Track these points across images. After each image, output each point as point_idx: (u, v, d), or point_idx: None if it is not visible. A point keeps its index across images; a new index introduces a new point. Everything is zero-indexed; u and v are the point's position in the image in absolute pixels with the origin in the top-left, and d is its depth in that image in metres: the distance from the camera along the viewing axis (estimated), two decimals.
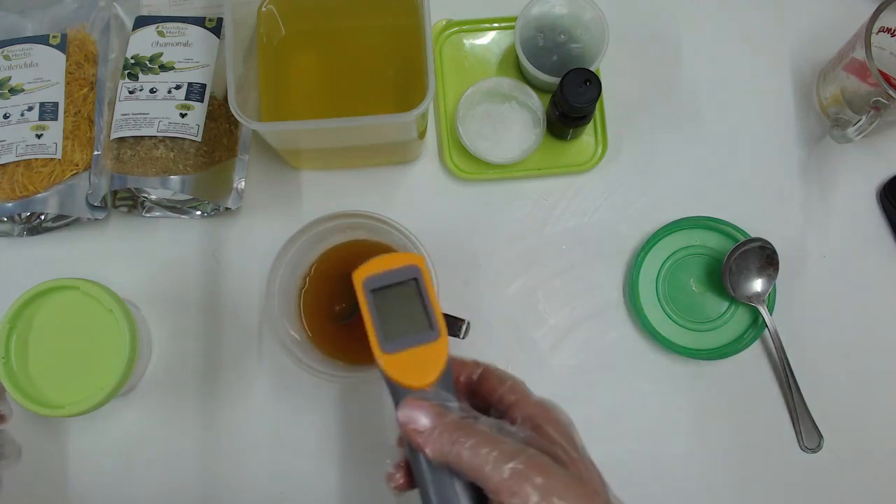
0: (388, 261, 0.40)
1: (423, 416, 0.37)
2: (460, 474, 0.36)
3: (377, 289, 0.40)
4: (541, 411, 0.39)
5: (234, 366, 0.62)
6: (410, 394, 0.38)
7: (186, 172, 0.59)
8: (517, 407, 0.39)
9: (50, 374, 0.55)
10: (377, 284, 0.40)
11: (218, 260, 0.63)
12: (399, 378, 0.39)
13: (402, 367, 0.39)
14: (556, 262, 0.64)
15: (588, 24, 0.63)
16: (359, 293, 0.40)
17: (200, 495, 0.61)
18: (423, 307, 0.40)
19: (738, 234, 0.63)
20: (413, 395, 0.38)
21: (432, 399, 0.38)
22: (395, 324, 0.39)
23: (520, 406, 0.39)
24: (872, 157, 0.66)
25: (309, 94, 0.62)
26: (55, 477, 0.61)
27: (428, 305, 0.40)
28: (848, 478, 0.62)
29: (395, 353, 0.39)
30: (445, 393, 0.39)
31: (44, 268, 0.61)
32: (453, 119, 0.64)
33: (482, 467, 0.35)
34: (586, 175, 0.65)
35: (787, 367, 0.62)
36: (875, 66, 0.56)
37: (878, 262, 0.65)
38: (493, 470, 0.34)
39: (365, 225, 0.57)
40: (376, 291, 0.40)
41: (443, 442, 0.36)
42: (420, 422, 0.37)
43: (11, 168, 0.60)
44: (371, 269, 0.40)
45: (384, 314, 0.39)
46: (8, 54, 0.62)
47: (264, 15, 0.61)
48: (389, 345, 0.39)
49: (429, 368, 0.39)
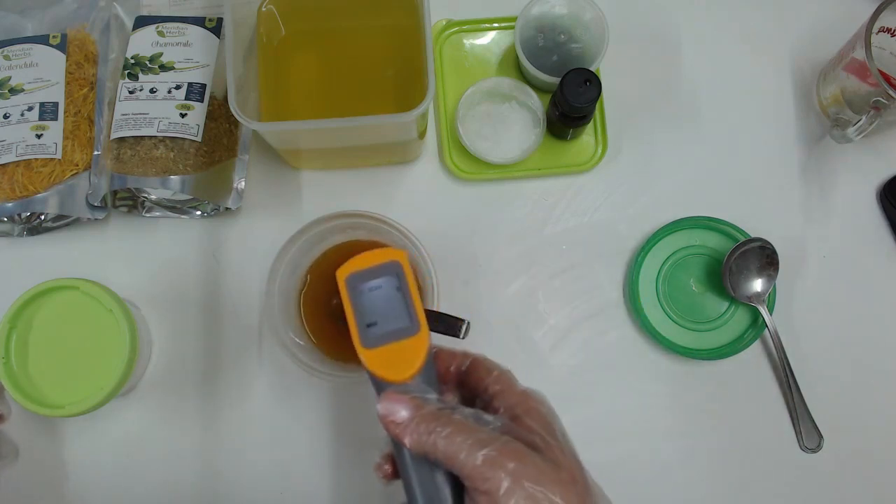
0: (370, 257, 0.41)
1: (401, 408, 0.38)
2: (438, 464, 0.37)
3: (359, 285, 0.41)
4: (521, 400, 0.40)
5: (234, 366, 0.62)
6: (391, 387, 0.39)
7: (186, 172, 0.59)
8: (500, 396, 0.40)
9: (50, 374, 0.55)
10: (359, 280, 0.41)
11: (218, 260, 0.63)
12: (380, 372, 0.40)
13: (383, 361, 0.40)
14: (556, 262, 0.64)
15: (588, 24, 0.63)
16: (341, 289, 0.41)
17: (200, 495, 0.61)
18: (403, 302, 0.40)
19: (738, 234, 0.63)
20: (392, 389, 0.39)
21: (412, 392, 0.39)
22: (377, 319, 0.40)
23: (503, 395, 0.40)
24: (872, 157, 0.66)
25: (309, 94, 0.62)
26: (55, 477, 0.61)
27: (409, 300, 0.40)
28: (848, 478, 0.62)
29: (376, 348, 0.40)
30: (425, 386, 0.40)
31: (44, 268, 0.61)
32: (453, 119, 0.64)
33: (457, 455, 0.36)
34: (586, 175, 0.65)
35: (787, 367, 0.62)
36: (875, 66, 0.56)
37: (878, 262, 0.65)
38: (467, 457, 0.35)
39: (365, 225, 0.57)
40: (358, 287, 0.41)
41: (420, 432, 0.37)
42: (399, 414, 0.38)
43: (11, 168, 0.60)
44: (354, 266, 0.41)
45: (365, 309, 0.40)
46: (8, 54, 0.62)
47: (264, 15, 0.61)
48: (370, 340, 0.40)
49: (409, 362, 0.40)
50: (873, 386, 0.63)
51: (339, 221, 0.56)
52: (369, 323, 0.40)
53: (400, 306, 0.40)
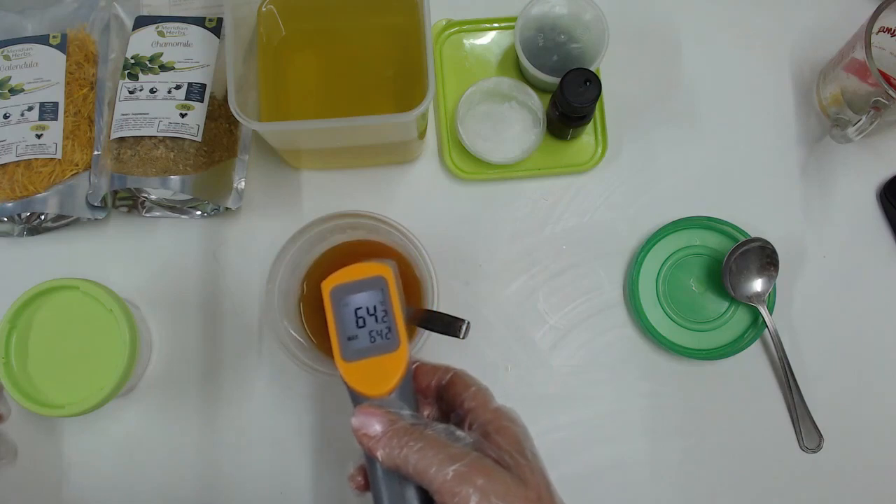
0: (356, 270, 0.42)
1: (375, 422, 0.39)
2: (409, 478, 0.38)
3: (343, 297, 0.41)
4: (494, 418, 0.40)
5: (234, 366, 0.62)
6: (367, 401, 0.40)
7: (186, 172, 0.59)
8: (474, 413, 0.41)
9: (50, 374, 0.55)
10: (344, 293, 0.42)
11: (218, 260, 0.63)
12: (357, 386, 0.40)
13: (361, 375, 0.40)
14: (556, 262, 0.64)
15: (588, 24, 0.63)
16: (325, 301, 0.42)
17: (200, 495, 0.61)
18: (385, 318, 0.41)
19: (738, 234, 0.63)
20: (368, 403, 0.40)
21: (388, 406, 0.40)
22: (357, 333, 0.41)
23: (477, 412, 0.41)
24: (872, 157, 0.66)
25: (309, 94, 0.62)
26: (55, 477, 0.61)
27: (390, 316, 0.41)
28: (848, 478, 0.62)
29: (355, 362, 0.40)
30: (400, 402, 0.41)
31: (44, 268, 0.61)
32: (453, 119, 0.64)
33: (427, 470, 0.36)
34: (586, 175, 0.65)
35: (787, 367, 0.62)
36: (875, 66, 0.56)
37: (878, 262, 0.65)
38: (437, 472, 0.36)
39: (365, 225, 0.57)
40: (342, 300, 0.41)
41: (392, 446, 0.38)
42: (372, 428, 0.39)
43: (11, 168, 0.60)
44: (339, 279, 0.42)
45: (347, 322, 0.41)
46: (8, 54, 0.62)
47: (264, 15, 0.61)
48: (350, 353, 0.41)
49: (386, 378, 0.40)
50: (873, 386, 0.63)
51: (339, 221, 0.56)
52: (350, 336, 0.41)
53: (381, 322, 0.41)
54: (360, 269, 0.42)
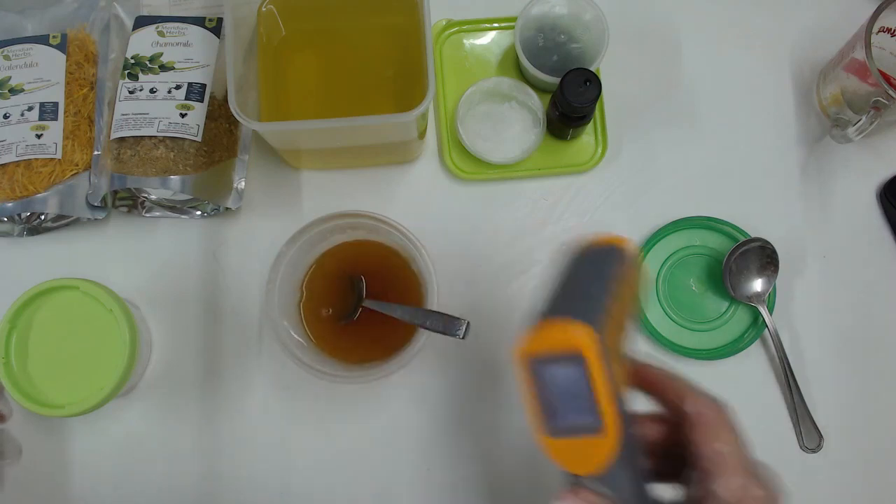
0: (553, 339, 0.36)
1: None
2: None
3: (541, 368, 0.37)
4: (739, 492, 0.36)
5: (234, 365, 0.62)
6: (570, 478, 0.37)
7: (186, 172, 0.59)
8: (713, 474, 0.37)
9: (50, 374, 0.55)
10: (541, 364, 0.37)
11: (218, 260, 0.63)
12: (560, 461, 0.37)
13: (565, 452, 0.37)
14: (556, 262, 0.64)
15: (588, 24, 0.63)
16: (522, 372, 0.37)
17: (200, 495, 0.61)
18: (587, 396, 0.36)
19: (738, 234, 0.63)
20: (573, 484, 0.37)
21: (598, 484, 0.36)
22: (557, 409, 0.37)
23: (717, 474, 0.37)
24: (872, 157, 0.66)
25: (309, 94, 0.62)
26: (55, 477, 0.61)
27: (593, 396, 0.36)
28: (848, 478, 0.62)
29: (558, 439, 0.37)
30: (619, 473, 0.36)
31: (44, 268, 0.61)
32: (453, 119, 0.64)
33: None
34: (586, 175, 0.65)
35: (787, 367, 0.62)
36: (875, 66, 0.56)
37: (878, 262, 0.65)
38: None
39: (365, 225, 0.57)
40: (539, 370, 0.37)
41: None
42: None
43: (11, 168, 0.60)
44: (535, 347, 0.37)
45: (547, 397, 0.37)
46: (8, 54, 0.62)
47: (264, 15, 0.61)
48: (551, 431, 0.37)
49: (591, 459, 0.36)
50: (873, 386, 0.63)
51: (339, 221, 0.56)
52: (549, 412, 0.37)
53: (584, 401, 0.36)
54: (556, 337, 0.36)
